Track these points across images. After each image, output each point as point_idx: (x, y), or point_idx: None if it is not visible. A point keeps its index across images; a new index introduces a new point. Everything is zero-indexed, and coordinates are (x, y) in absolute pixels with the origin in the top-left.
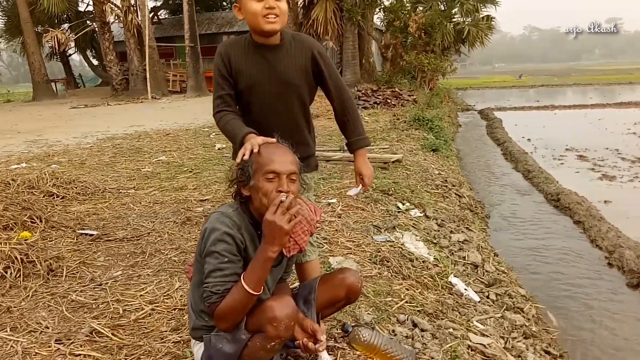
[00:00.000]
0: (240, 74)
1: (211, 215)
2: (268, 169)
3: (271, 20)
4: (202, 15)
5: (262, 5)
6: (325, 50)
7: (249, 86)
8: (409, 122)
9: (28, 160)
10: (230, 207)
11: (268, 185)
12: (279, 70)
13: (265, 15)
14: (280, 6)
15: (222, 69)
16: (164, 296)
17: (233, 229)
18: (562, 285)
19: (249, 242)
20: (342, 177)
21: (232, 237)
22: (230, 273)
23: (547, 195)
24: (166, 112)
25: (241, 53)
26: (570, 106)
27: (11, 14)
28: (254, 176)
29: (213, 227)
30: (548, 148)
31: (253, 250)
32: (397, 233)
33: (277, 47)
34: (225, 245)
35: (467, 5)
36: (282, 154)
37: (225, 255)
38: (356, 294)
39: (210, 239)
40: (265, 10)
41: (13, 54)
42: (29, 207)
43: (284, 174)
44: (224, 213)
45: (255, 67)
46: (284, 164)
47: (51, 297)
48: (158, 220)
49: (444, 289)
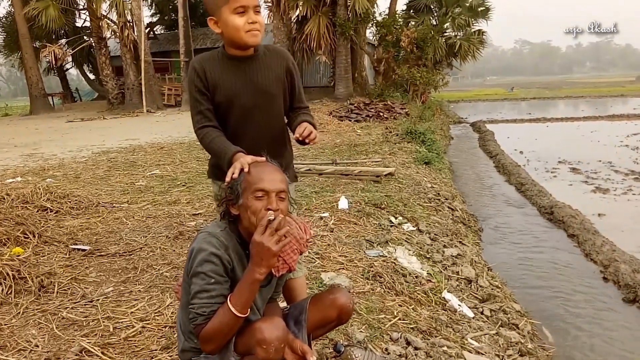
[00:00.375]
0: (217, 87)
1: (198, 235)
2: (257, 187)
3: (254, 33)
4: (197, 31)
5: (244, 19)
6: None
7: (228, 98)
8: (402, 135)
9: (23, 174)
10: (218, 227)
11: (257, 203)
12: (257, 81)
13: (248, 30)
14: (260, 20)
15: (198, 83)
16: (154, 313)
17: (220, 249)
18: (558, 300)
19: (237, 263)
20: (334, 190)
21: (219, 258)
22: (217, 294)
23: (541, 208)
24: (161, 125)
25: (216, 67)
26: (562, 119)
27: (10, 30)
28: (242, 195)
29: (200, 247)
30: (541, 161)
31: (241, 271)
32: (390, 247)
33: (252, 58)
34: (211, 266)
35: (459, 20)
36: (271, 173)
37: (212, 276)
38: (348, 315)
39: (196, 260)
40: (248, 25)
41: (12, 69)
42: (23, 222)
43: (273, 192)
44: (211, 233)
45: (233, 78)
46: (273, 182)
47: (42, 314)
48: (150, 235)
49: (437, 304)
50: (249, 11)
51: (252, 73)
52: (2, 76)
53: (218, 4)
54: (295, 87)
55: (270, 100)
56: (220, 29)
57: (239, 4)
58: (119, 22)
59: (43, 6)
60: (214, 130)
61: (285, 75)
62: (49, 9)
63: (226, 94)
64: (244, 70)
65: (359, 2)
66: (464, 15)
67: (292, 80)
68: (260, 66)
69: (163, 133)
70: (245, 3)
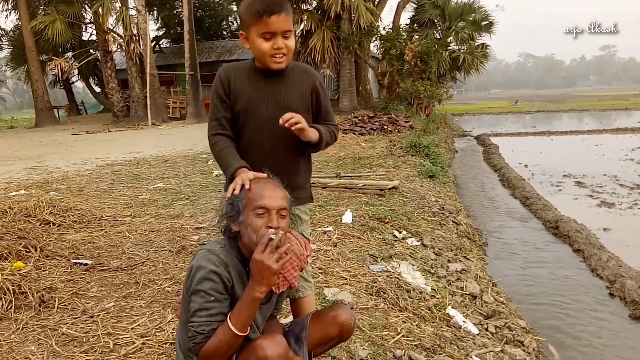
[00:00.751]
0: (239, 96)
1: (198, 252)
2: (258, 204)
3: (278, 60)
4: (202, 44)
5: (270, 45)
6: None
7: (247, 107)
8: (406, 149)
9: (27, 187)
10: (218, 244)
11: (257, 220)
12: (279, 94)
13: (272, 55)
14: (288, 45)
15: (220, 91)
16: (155, 329)
17: (220, 266)
18: (563, 316)
19: (237, 280)
20: (338, 204)
21: (219, 276)
22: (216, 312)
23: (546, 223)
24: (165, 138)
25: (242, 77)
26: (566, 132)
27: (17, 43)
28: (243, 211)
29: (199, 265)
30: (545, 174)
31: (241, 288)
32: (394, 262)
33: (279, 73)
34: (211, 284)
35: (463, 33)
36: (272, 189)
37: (212, 294)
38: (349, 332)
39: (196, 277)
40: (273, 50)
41: (18, 81)
42: (25, 236)
43: (274, 209)
44: (211, 250)
45: (255, 89)
46: (274, 199)
47: (41, 330)
48: (153, 249)
49: (441, 321)
50: (276, 37)
51: (276, 87)
52: (8, 89)
53: (248, 23)
54: (322, 106)
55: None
56: (249, 45)
57: (267, 30)
58: (125, 35)
59: (50, 20)
60: (226, 140)
61: (311, 94)
62: (56, 23)
63: (246, 103)
64: (268, 83)
65: (363, 16)
66: (468, 29)
67: (318, 99)
68: (286, 82)
69: (167, 146)
70: (274, 29)
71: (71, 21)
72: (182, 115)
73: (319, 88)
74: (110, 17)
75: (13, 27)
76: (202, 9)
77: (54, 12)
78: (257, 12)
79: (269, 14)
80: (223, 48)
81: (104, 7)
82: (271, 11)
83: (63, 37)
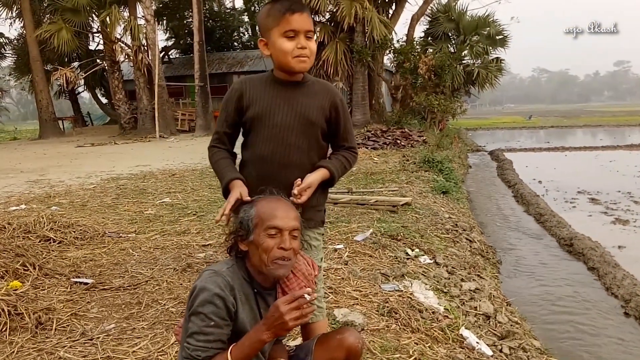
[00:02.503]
0: (253, 103)
1: (203, 272)
2: (270, 225)
3: (302, 59)
4: (212, 55)
5: (294, 44)
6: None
7: (260, 114)
8: (419, 164)
9: (28, 201)
10: (225, 264)
11: (269, 241)
12: (297, 102)
13: (296, 55)
14: (310, 46)
15: (230, 103)
16: (158, 352)
17: (225, 290)
18: (578, 336)
19: (243, 303)
20: (349, 221)
21: (223, 300)
22: (214, 339)
23: (560, 240)
24: (173, 151)
25: (258, 86)
26: (580, 148)
27: (21, 52)
28: (254, 231)
29: (203, 286)
30: (560, 190)
31: (248, 310)
32: (406, 281)
33: (298, 84)
34: (213, 308)
35: (477, 47)
36: (284, 209)
37: (212, 319)
38: (356, 356)
39: (198, 299)
40: (297, 50)
41: (22, 92)
42: (23, 253)
43: (287, 229)
44: (217, 272)
45: (271, 97)
46: (287, 219)
47: (37, 353)
48: (157, 267)
49: (455, 342)
50: (299, 36)
51: (294, 96)
52: (12, 99)
53: (269, 26)
54: (341, 124)
55: (306, 125)
56: (269, 52)
57: (290, 28)
58: (133, 45)
59: (55, 29)
60: (223, 152)
61: (330, 109)
62: (62, 31)
63: (259, 110)
64: (286, 92)
65: (377, 29)
66: (482, 43)
67: (337, 116)
68: (305, 92)
69: (175, 159)
70: (297, 27)
71: (78, 30)
72: (191, 127)
73: (338, 105)
74: (118, 26)
75: (17, 36)
76: (212, 19)
77: (60, 21)
78: (279, 11)
79: (292, 12)
80: (234, 59)
81: (111, 16)
82: (293, 9)
83: (69, 47)
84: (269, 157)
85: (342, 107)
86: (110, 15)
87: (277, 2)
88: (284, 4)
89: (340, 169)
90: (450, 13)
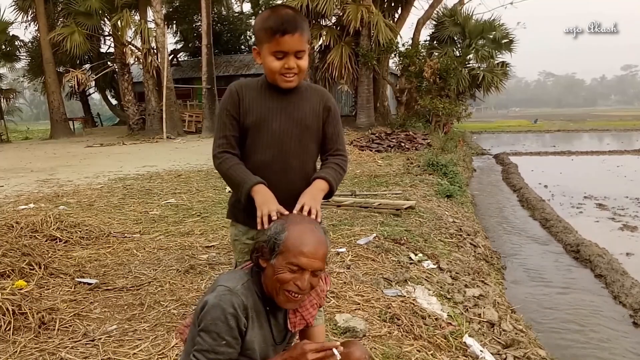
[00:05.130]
0: (249, 111)
1: (217, 287)
2: (294, 261)
3: (288, 79)
4: (220, 58)
5: (282, 63)
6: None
7: (258, 122)
8: (423, 167)
9: (37, 200)
10: (240, 279)
11: (287, 275)
12: (292, 109)
13: (282, 74)
14: (300, 65)
15: (230, 107)
16: (158, 355)
17: (238, 310)
18: (585, 346)
19: (254, 321)
20: (352, 223)
21: (236, 320)
22: (225, 358)
23: (566, 246)
24: (180, 152)
25: (253, 92)
26: (587, 152)
27: (35, 54)
28: (277, 256)
29: (217, 303)
30: (566, 195)
31: (257, 327)
32: (409, 287)
33: (292, 90)
34: (226, 328)
35: (482, 51)
36: (314, 246)
37: (224, 338)
38: None
39: (210, 315)
40: (283, 69)
41: (35, 92)
42: (29, 252)
43: (309, 270)
44: (232, 290)
45: (267, 104)
46: (313, 260)
47: (40, 353)
48: (161, 268)
49: (458, 350)
50: (288, 56)
51: (289, 102)
52: (25, 99)
53: (261, 39)
54: (331, 126)
55: (303, 131)
56: (261, 61)
57: (279, 49)
58: (143, 48)
59: (68, 32)
60: (233, 157)
61: (323, 111)
62: (74, 34)
63: (256, 118)
64: (280, 98)
65: (382, 32)
66: (488, 47)
67: (329, 117)
68: (299, 98)
69: (181, 160)
70: (286, 49)
71: (90, 33)
72: (198, 129)
73: (330, 107)
74: (128, 29)
75: (31, 39)
76: (220, 22)
77: (73, 24)
78: (271, 29)
79: (282, 33)
80: (241, 62)
81: (123, 19)
82: (285, 30)
83: (81, 49)
84: (269, 164)
85: (333, 110)
86: (122, 19)
87: (271, 17)
88: (277, 22)
89: (337, 179)
90: (456, 17)
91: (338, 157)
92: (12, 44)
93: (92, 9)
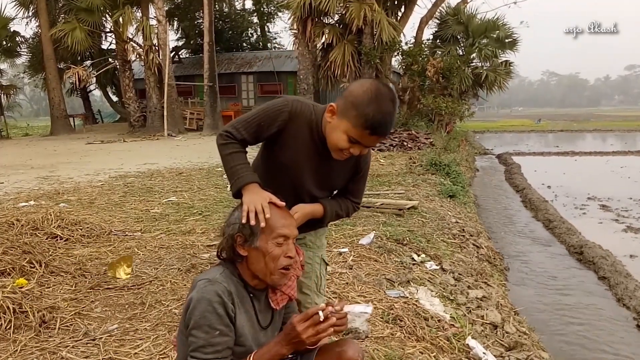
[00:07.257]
0: (289, 145)
1: (197, 283)
2: (280, 233)
3: (342, 156)
4: (222, 55)
5: (348, 147)
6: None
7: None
8: (426, 167)
9: (37, 197)
10: (217, 271)
11: (277, 250)
12: (326, 173)
13: (341, 150)
14: (361, 153)
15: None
16: (159, 355)
17: (224, 296)
18: (588, 349)
19: (240, 306)
20: (355, 223)
21: (224, 307)
22: (223, 348)
23: (570, 248)
24: (181, 150)
25: (304, 128)
26: (590, 152)
27: (36, 51)
28: (259, 237)
29: (201, 297)
30: (569, 196)
31: (244, 313)
32: (412, 288)
33: None
34: (216, 317)
35: (486, 50)
36: (287, 216)
37: (216, 328)
38: None
39: (197, 310)
40: (346, 152)
41: (35, 89)
42: (30, 250)
43: (292, 237)
44: (212, 280)
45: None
46: (292, 227)
47: (40, 352)
48: (162, 267)
49: (460, 352)
50: (359, 145)
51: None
52: (25, 95)
53: (348, 115)
54: (356, 183)
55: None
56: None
57: (358, 140)
58: (145, 45)
59: (70, 28)
60: (239, 146)
61: (353, 171)
62: (76, 31)
63: (290, 159)
64: (320, 154)
65: (385, 31)
66: (491, 46)
67: (356, 176)
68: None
69: (183, 158)
70: (365, 143)
71: (91, 30)
72: (199, 126)
73: (362, 168)
74: (130, 26)
75: (32, 35)
76: (222, 20)
77: (74, 20)
78: (366, 122)
79: (372, 132)
80: (243, 60)
81: (124, 16)
82: (377, 132)
83: (82, 46)
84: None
85: (364, 171)
86: (123, 16)
87: (374, 107)
88: (377, 119)
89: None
90: (459, 16)
91: (351, 203)
92: (13, 40)
93: (93, 5)
